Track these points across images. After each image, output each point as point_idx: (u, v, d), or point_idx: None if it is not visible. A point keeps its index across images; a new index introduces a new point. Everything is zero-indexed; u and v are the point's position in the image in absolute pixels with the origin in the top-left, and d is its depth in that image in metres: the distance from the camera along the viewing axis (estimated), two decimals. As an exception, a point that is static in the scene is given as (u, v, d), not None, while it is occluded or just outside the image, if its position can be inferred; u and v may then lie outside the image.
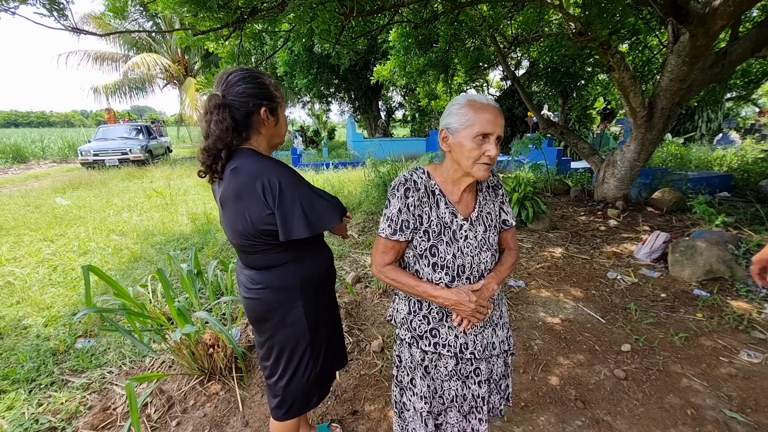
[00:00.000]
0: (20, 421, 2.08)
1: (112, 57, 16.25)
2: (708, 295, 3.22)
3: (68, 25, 2.94)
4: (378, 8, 3.29)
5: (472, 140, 1.16)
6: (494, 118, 1.15)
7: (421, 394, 1.38)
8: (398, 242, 1.28)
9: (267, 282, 1.38)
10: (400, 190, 1.26)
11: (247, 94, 1.27)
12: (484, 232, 1.29)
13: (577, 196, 6.79)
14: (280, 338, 1.44)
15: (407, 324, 1.37)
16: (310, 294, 1.44)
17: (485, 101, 1.18)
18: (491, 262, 1.32)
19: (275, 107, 1.34)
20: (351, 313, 3.10)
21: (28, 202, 7.58)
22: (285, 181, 1.26)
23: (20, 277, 3.95)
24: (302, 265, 1.41)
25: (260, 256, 1.36)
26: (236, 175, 1.26)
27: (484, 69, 7.79)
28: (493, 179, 1.39)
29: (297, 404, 1.52)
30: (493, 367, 1.41)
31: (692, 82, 5.03)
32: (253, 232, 1.29)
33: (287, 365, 1.47)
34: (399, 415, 1.49)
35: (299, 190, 1.28)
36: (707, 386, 2.22)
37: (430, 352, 1.35)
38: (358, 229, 5.28)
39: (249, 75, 1.29)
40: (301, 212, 1.27)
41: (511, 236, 1.43)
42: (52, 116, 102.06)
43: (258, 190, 1.23)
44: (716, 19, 4.01)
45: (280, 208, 1.25)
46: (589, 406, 2.11)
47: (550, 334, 2.80)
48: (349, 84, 16.14)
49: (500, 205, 1.38)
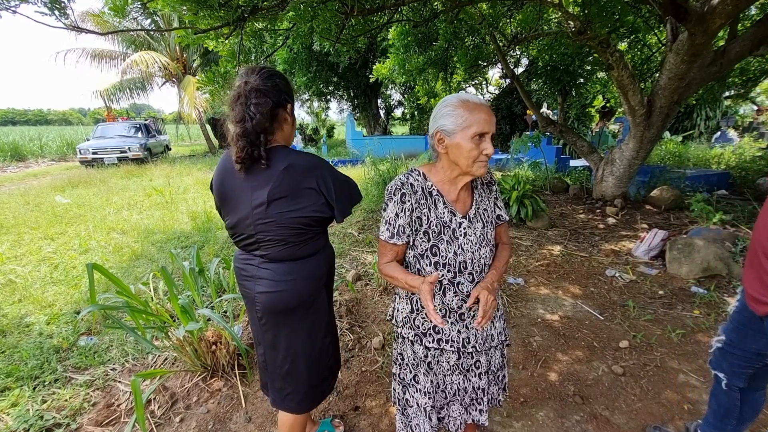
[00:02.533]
0: (25, 417, 2.10)
1: (110, 55, 16.18)
2: (705, 292, 3.25)
3: (69, 24, 2.94)
4: (379, 6, 3.30)
5: (470, 140, 1.18)
6: (489, 117, 1.18)
7: (424, 390, 1.40)
8: (396, 245, 1.31)
9: (301, 272, 1.43)
10: (396, 195, 1.27)
11: (279, 89, 1.34)
12: (482, 228, 1.32)
13: (575, 194, 6.82)
14: (306, 327, 1.49)
15: (410, 322, 1.39)
16: (330, 280, 1.59)
17: (477, 101, 1.19)
18: (490, 256, 1.35)
19: (293, 108, 1.44)
20: (352, 311, 3.12)
21: (28, 200, 7.58)
22: (329, 171, 1.40)
23: (22, 275, 3.96)
24: (328, 252, 1.55)
25: (299, 247, 1.40)
26: (291, 172, 1.32)
27: (484, 67, 7.80)
28: (487, 176, 1.42)
29: (317, 391, 1.61)
30: (491, 359, 1.44)
31: (691, 81, 5.05)
32: (306, 222, 1.37)
33: (310, 354, 1.52)
34: (402, 412, 1.51)
35: (338, 176, 1.43)
36: (704, 381, 2.25)
37: (432, 348, 1.37)
38: (357, 228, 5.30)
39: (279, 73, 1.38)
40: (348, 194, 1.45)
41: (504, 231, 1.46)
42: (49, 114, 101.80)
43: (313, 182, 1.34)
44: (715, 18, 4.03)
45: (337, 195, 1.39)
46: (588, 401, 2.14)
47: (549, 330, 2.83)
48: (348, 82, 16.14)
49: (494, 201, 1.42)
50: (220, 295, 3.00)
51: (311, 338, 1.52)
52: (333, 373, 1.68)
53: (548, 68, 7.13)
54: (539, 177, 7.65)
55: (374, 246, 4.45)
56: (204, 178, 9.88)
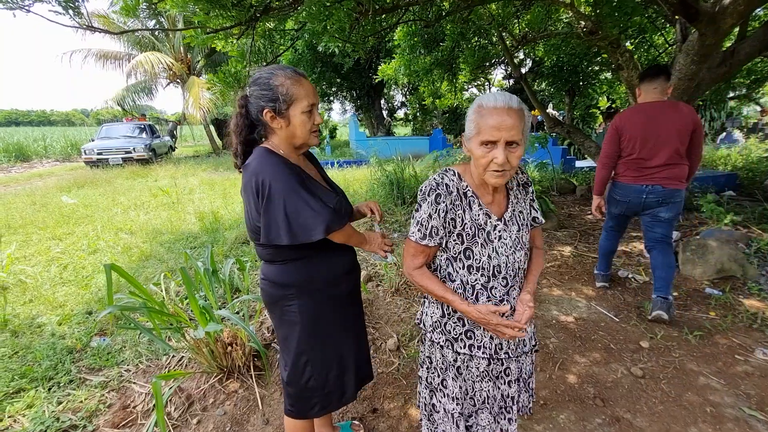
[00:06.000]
0: (41, 419, 2.09)
1: (115, 56, 16.22)
2: (720, 293, 3.22)
3: (82, 23, 2.94)
4: (393, 6, 3.29)
5: (479, 147, 1.14)
6: (499, 123, 1.09)
7: (452, 395, 1.37)
8: (428, 247, 1.27)
9: (267, 275, 1.44)
10: (431, 195, 1.23)
11: (255, 96, 1.35)
12: (517, 231, 1.29)
13: (583, 194, 6.79)
14: (281, 334, 1.50)
15: (440, 327, 1.35)
16: (312, 295, 1.43)
17: (492, 103, 1.11)
18: (524, 260, 1.31)
19: (283, 109, 1.33)
20: (365, 312, 3.10)
21: (34, 200, 7.59)
22: (276, 185, 1.27)
23: (32, 276, 3.95)
24: (307, 264, 1.41)
25: (261, 249, 1.42)
26: (245, 171, 1.35)
27: (488, 68, 7.79)
28: (523, 177, 1.38)
29: (298, 405, 1.53)
30: (522, 366, 1.40)
31: (700, 82, 5.02)
32: (251, 227, 1.38)
33: (286, 361, 1.49)
34: (428, 418, 1.47)
35: (289, 197, 1.28)
36: (725, 384, 2.23)
37: (463, 353, 1.33)
38: (365, 228, 5.28)
39: (260, 76, 1.34)
40: (285, 219, 1.28)
41: (539, 234, 1.43)
42: (52, 115, 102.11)
43: (254, 188, 1.29)
44: (726, 18, 4.01)
45: (266, 212, 1.29)
46: (608, 404, 2.12)
47: (565, 332, 2.81)
48: (352, 83, 16.12)
49: (530, 203, 1.38)
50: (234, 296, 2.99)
51: (286, 348, 1.48)
52: (321, 396, 1.52)
53: (555, 69, 7.11)
54: (546, 177, 7.62)
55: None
56: (209, 179, 9.88)
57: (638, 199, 2.90)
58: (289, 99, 1.32)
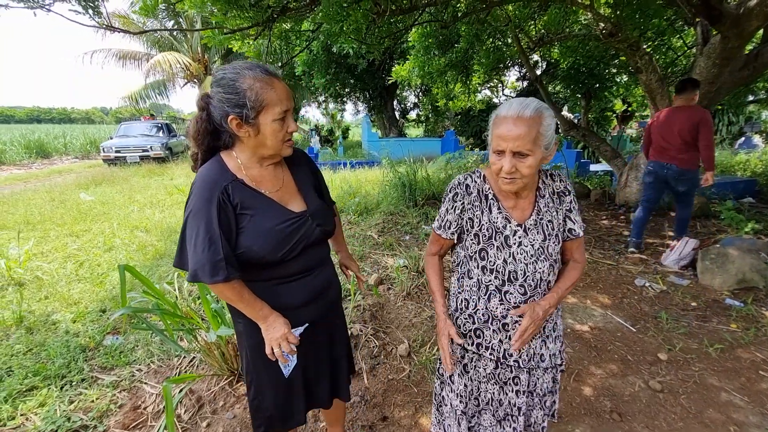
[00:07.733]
0: (53, 418, 2.10)
1: (134, 55, 16.50)
2: (741, 305, 3.12)
3: (102, 23, 2.97)
4: (410, 7, 3.27)
5: (492, 155, 1.19)
6: (505, 133, 1.10)
7: (458, 391, 1.40)
8: (441, 237, 1.37)
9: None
10: (450, 193, 1.32)
11: (218, 99, 1.15)
12: (543, 241, 1.24)
13: (597, 199, 6.68)
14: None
15: (452, 320, 1.39)
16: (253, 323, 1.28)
17: (504, 112, 1.12)
18: (550, 272, 1.25)
19: (251, 116, 1.14)
20: (376, 316, 3.08)
21: (53, 197, 7.73)
22: (192, 202, 1.18)
23: (48, 272, 4.01)
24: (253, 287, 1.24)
25: None
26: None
27: (503, 69, 7.71)
28: (560, 185, 1.30)
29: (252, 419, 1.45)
30: (537, 380, 1.36)
31: (721, 85, 4.90)
32: None
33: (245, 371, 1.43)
34: (437, 408, 1.54)
35: (191, 221, 1.16)
36: (748, 402, 2.15)
37: (471, 351, 1.36)
38: (377, 230, 5.25)
39: (224, 77, 1.14)
40: (181, 240, 1.21)
41: (577, 247, 1.32)
42: (73, 113, 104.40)
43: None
44: (752, 20, 3.90)
45: (181, 230, 1.21)
46: (626, 418, 2.06)
47: (580, 342, 2.75)
48: (365, 84, 16.13)
49: (566, 213, 1.29)
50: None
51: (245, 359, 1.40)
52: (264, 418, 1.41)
53: (572, 71, 7.01)
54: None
55: (395, 249, 4.40)
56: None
57: (661, 171, 4.01)
58: (258, 105, 1.12)
